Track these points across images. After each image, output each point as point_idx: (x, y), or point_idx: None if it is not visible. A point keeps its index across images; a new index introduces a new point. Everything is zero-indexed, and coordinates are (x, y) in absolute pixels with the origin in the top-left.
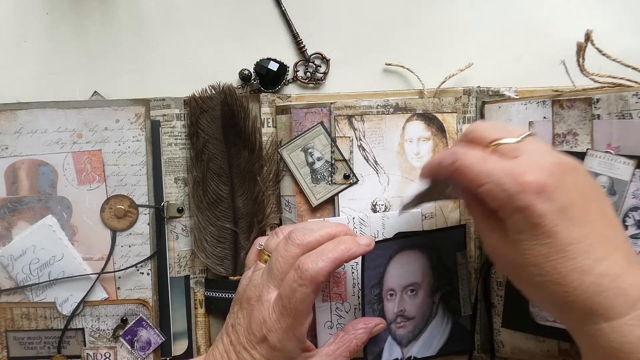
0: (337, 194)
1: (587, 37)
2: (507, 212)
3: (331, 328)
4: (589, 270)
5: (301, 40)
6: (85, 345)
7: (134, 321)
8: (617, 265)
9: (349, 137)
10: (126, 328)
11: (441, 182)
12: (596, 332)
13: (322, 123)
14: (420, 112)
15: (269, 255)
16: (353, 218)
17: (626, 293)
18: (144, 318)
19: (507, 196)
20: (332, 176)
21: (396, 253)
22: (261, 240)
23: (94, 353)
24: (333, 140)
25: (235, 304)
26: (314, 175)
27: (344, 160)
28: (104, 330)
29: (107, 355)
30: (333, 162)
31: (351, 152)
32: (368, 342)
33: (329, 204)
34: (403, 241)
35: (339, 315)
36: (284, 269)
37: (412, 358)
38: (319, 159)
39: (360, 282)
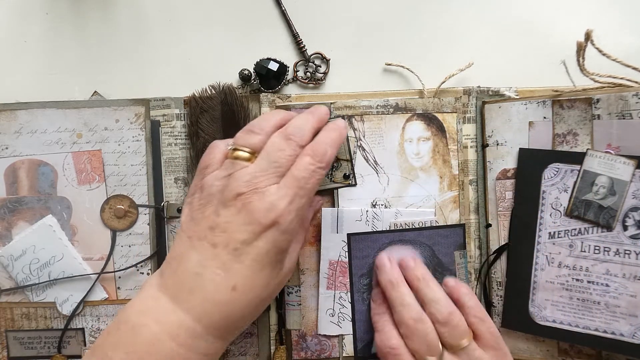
0: (333, 189)
1: (587, 37)
2: None
3: (332, 316)
4: None
5: (301, 40)
6: (85, 345)
7: None
8: None
9: (352, 136)
10: None
11: None
12: None
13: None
14: (420, 112)
15: (246, 152)
16: (367, 211)
17: None
18: None
19: None
20: (332, 172)
21: (386, 246)
22: (222, 143)
23: None
24: (347, 138)
25: (208, 207)
26: None
27: (349, 160)
28: (97, 340)
29: None
30: (337, 158)
31: (354, 152)
32: (358, 330)
33: (329, 204)
34: (394, 235)
35: (342, 304)
36: (290, 164)
37: None
38: None
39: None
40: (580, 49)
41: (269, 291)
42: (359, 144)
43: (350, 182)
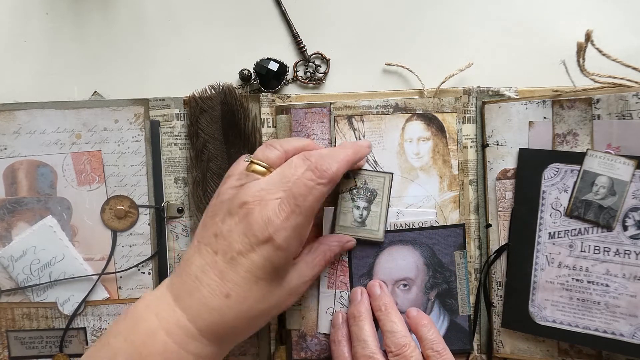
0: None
1: (587, 37)
2: None
3: (333, 315)
4: None
5: (301, 40)
6: (87, 344)
7: None
8: None
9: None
10: None
11: None
12: None
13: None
14: (420, 112)
15: (262, 166)
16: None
17: None
18: None
19: None
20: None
21: (386, 246)
22: (247, 156)
23: None
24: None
25: (218, 213)
26: None
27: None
28: (105, 329)
29: None
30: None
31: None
32: None
33: (329, 204)
34: (394, 235)
35: (342, 303)
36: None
37: None
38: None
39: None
40: (581, 49)
41: (265, 306)
42: None
43: (354, 184)
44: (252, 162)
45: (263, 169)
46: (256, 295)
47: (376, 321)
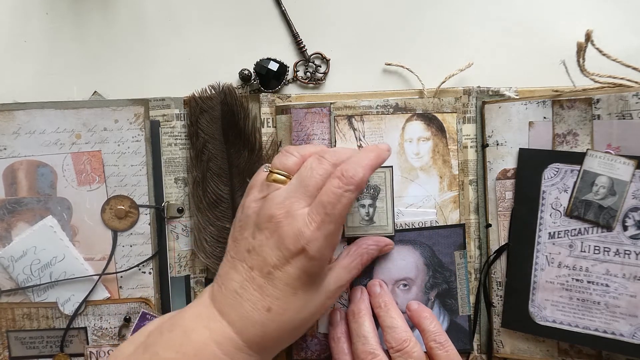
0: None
1: (587, 37)
2: None
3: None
4: None
5: (301, 40)
6: (88, 344)
7: (138, 317)
8: None
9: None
10: (133, 326)
11: None
12: None
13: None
14: (420, 112)
15: (282, 175)
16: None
17: None
18: (147, 311)
19: None
20: None
21: None
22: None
23: (97, 351)
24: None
25: (246, 229)
26: None
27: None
28: (106, 328)
29: (110, 353)
30: None
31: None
32: None
33: None
34: (392, 235)
35: (342, 304)
36: (320, 184)
37: None
38: None
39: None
40: (581, 49)
41: (305, 314)
42: (359, 144)
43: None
44: (271, 171)
45: (283, 178)
46: (295, 306)
47: (376, 320)
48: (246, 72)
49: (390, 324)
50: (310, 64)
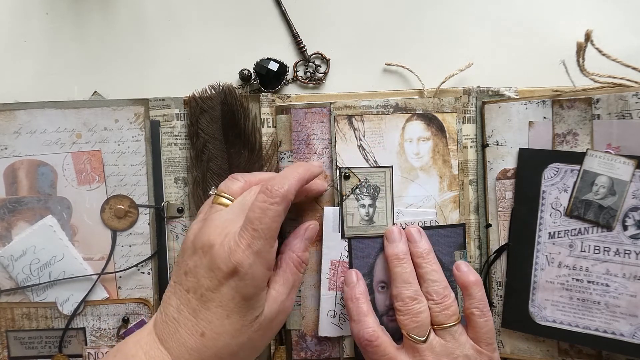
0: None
1: (587, 37)
2: None
3: (334, 317)
4: None
5: (301, 40)
6: (86, 345)
7: (135, 322)
8: None
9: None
10: (128, 327)
11: None
12: None
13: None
14: (420, 112)
15: (227, 198)
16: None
17: None
18: (146, 320)
19: None
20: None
21: None
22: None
23: (95, 352)
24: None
25: (185, 252)
26: None
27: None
28: (105, 329)
29: None
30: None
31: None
32: None
33: (329, 203)
34: None
35: (343, 305)
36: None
37: None
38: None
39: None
40: (580, 49)
41: (242, 339)
42: (359, 144)
43: (355, 185)
44: (217, 194)
45: (227, 201)
46: (229, 330)
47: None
48: (246, 72)
49: (432, 277)
50: (310, 64)
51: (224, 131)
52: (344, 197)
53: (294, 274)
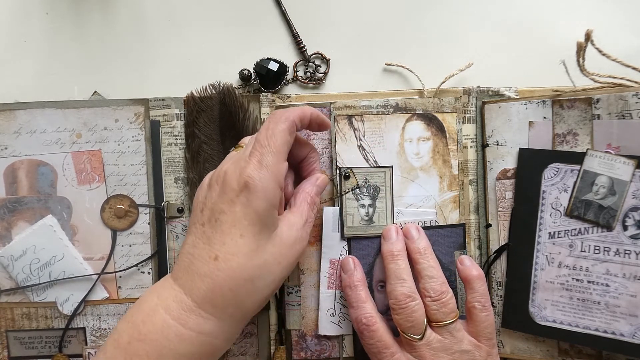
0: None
1: (587, 37)
2: None
3: (333, 316)
4: None
5: (301, 40)
6: (86, 344)
7: None
8: None
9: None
10: None
11: None
12: None
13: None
14: (420, 112)
15: (241, 147)
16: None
17: None
18: None
19: None
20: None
21: None
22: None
23: (95, 352)
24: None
25: (200, 192)
26: None
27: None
28: (105, 329)
29: None
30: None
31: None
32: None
33: (329, 203)
34: None
35: (342, 304)
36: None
37: None
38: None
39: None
40: (580, 49)
41: (257, 262)
42: (359, 144)
43: (355, 185)
44: (235, 148)
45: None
46: (244, 250)
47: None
48: (246, 72)
49: (430, 273)
50: (310, 64)
51: (221, 132)
52: (344, 193)
53: (308, 210)
